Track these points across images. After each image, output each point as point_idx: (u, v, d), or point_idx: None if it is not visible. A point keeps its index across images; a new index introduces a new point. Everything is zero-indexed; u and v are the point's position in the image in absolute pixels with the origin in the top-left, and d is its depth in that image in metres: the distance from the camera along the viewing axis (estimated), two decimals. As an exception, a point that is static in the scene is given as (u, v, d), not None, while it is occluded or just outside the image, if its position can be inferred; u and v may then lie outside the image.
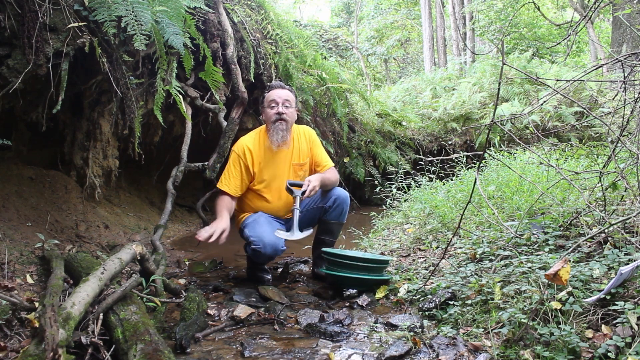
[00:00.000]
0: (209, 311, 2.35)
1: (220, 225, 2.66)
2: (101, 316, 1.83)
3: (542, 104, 6.37)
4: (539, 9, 2.47)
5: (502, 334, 1.75)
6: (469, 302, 2.05)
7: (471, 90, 7.96)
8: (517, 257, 2.15)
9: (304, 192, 2.70)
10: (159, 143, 4.82)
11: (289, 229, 2.89)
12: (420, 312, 2.19)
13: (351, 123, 6.78)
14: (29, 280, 2.48)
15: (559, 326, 1.62)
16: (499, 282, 2.03)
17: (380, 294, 2.51)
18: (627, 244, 1.94)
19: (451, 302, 2.12)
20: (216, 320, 2.26)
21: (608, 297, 1.66)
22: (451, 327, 1.96)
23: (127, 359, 1.60)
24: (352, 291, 2.54)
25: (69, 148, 4.01)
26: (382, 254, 3.21)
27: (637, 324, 1.50)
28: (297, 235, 2.66)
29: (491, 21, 14.37)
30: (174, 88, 3.73)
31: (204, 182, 4.13)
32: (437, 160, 5.12)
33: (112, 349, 1.71)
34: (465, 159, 4.42)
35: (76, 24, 2.87)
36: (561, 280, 1.59)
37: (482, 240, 2.62)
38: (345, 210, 2.94)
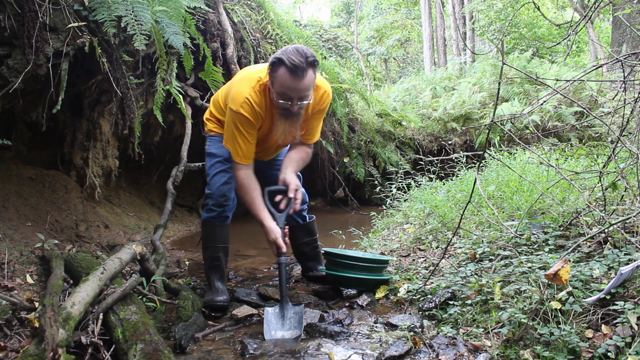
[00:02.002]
0: (208, 311, 2.35)
1: (276, 231, 2.28)
2: (101, 316, 1.83)
3: (542, 104, 6.37)
4: (539, 9, 2.48)
5: (502, 333, 1.75)
6: (469, 302, 2.05)
7: (471, 90, 7.96)
8: (517, 257, 2.15)
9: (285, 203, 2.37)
10: (159, 143, 4.82)
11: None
12: (420, 312, 2.19)
13: (351, 123, 6.77)
14: (29, 280, 2.48)
15: (559, 326, 1.61)
16: (499, 282, 2.03)
17: (380, 294, 2.51)
18: (627, 244, 1.94)
19: (451, 302, 2.12)
20: (216, 320, 2.26)
21: (608, 297, 1.66)
22: (451, 327, 1.96)
23: (127, 359, 1.61)
24: (352, 291, 2.54)
25: (69, 148, 4.01)
26: (382, 254, 3.21)
27: (637, 324, 1.50)
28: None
29: (491, 21, 14.36)
30: (174, 88, 3.73)
31: (204, 182, 4.11)
32: (437, 160, 5.11)
33: (112, 349, 1.71)
34: (465, 159, 4.42)
35: (76, 24, 2.87)
36: (561, 280, 1.59)
37: (482, 240, 2.62)
38: (306, 208, 2.79)
